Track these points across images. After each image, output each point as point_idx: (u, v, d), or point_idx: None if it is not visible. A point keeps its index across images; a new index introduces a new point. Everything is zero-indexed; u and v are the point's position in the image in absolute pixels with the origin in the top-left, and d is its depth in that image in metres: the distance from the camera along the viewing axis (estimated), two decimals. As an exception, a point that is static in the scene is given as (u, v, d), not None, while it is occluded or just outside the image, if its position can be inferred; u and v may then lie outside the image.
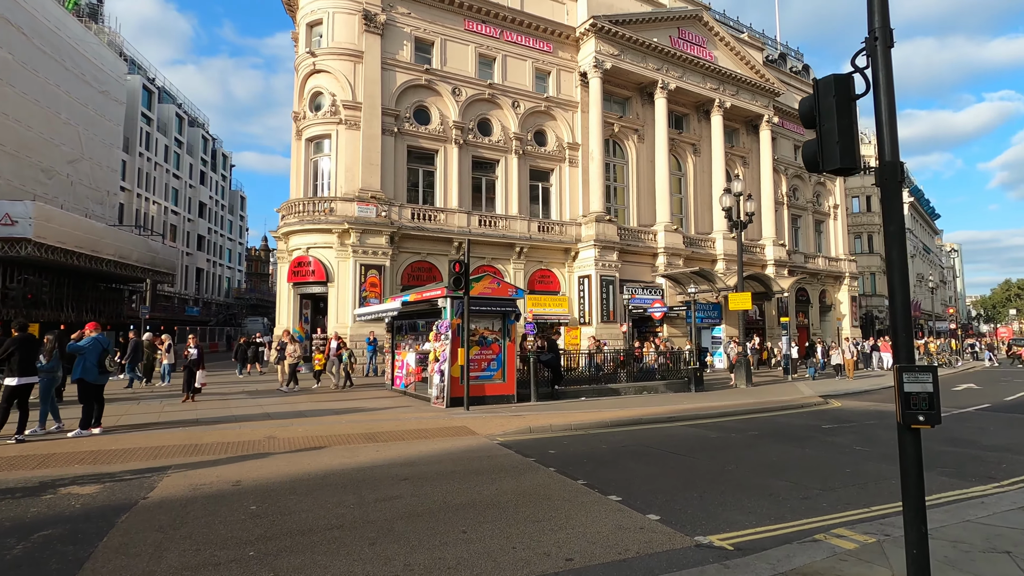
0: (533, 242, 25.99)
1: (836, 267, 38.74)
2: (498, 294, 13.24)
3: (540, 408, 12.27)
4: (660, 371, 17.85)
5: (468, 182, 25.65)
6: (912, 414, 3.29)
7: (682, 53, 29.80)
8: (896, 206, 3.51)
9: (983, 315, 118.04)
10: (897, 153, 3.53)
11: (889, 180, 3.50)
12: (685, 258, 28.98)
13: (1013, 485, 6.12)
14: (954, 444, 8.62)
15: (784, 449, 8.21)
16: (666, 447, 8.29)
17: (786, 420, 11.20)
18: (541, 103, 27.26)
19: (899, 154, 3.53)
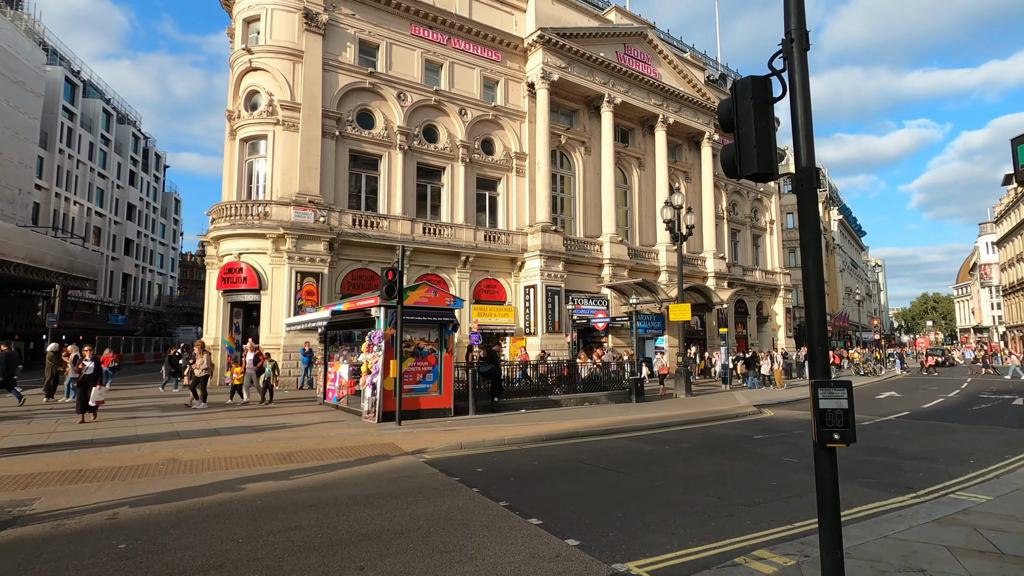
0: (479, 251, 25.65)
1: (772, 280, 40.35)
2: (435, 303, 12.78)
3: (476, 422, 11.85)
4: (602, 382, 17.78)
5: (413, 189, 25.09)
6: (827, 432, 3.11)
7: (628, 69, 30.41)
8: (812, 213, 3.36)
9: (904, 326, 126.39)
10: (813, 159, 3.39)
11: (805, 186, 3.35)
12: (630, 269, 29.36)
13: (929, 495, 6.20)
14: (876, 453, 8.81)
15: (715, 462, 8.14)
16: (598, 462, 8.06)
17: (720, 431, 11.25)
18: (489, 112, 27.09)
19: (815, 160, 3.39)
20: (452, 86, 26.25)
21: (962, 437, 10.62)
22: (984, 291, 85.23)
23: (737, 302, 37.78)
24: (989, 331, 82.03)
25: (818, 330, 3.27)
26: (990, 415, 14.57)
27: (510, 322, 26.58)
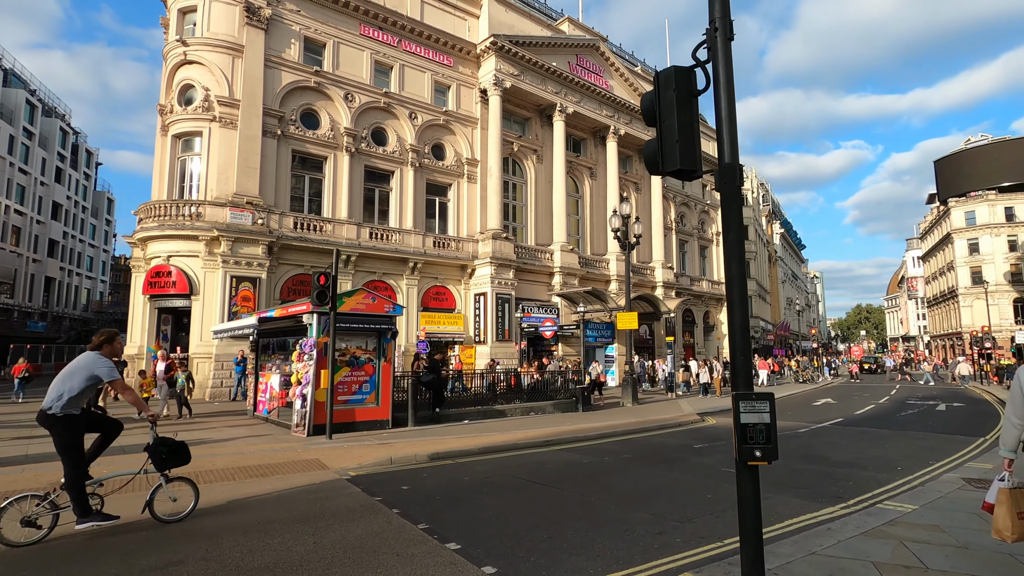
0: (428, 258, 25.10)
1: (719, 290, 41.46)
2: (373, 310, 12.20)
3: (414, 434, 11.32)
4: (549, 391, 17.54)
5: (360, 192, 24.33)
6: (748, 449, 2.87)
7: (580, 79, 30.68)
8: (735, 212, 3.14)
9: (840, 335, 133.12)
10: (736, 155, 3.18)
11: (728, 183, 3.13)
12: (580, 278, 29.44)
13: (858, 505, 6.17)
14: (811, 461, 8.86)
15: (653, 473, 7.95)
16: (533, 476, 7.72)
17: (661, 440, 11.15)
18: (440, 116, 26.68)
19: (739, 156, 3.18)
20: (402, 89, 25.72)
21: (891, 443, 10.90)
22: (911, 302, 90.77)
23: (685, 311, 38.58)
24: (915, 340, 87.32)
25: (741, 338, 3.04)
26: (917, 421, 15.16)
27: (459, 330, 26.09)
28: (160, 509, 5.38)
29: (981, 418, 15.96)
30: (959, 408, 18.85)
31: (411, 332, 24.58)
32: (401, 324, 24.49)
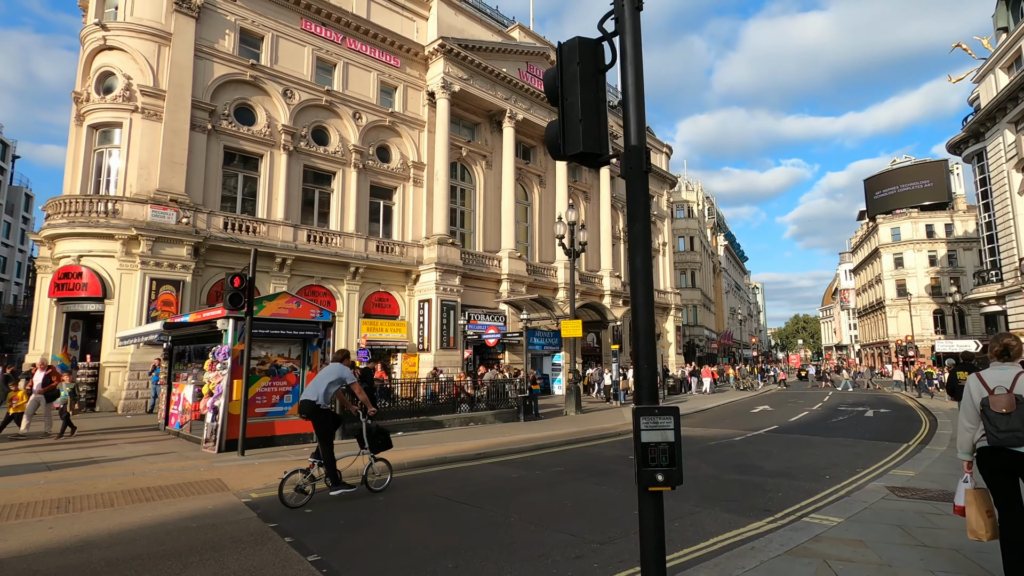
0: (370, 262, 24.20)
1: (664, 299, 42.20)
2: (297, 315, 11.39)
3: (339, 448, 10.55)
4: (490, 400, 17.05)
5: (298, 193, 23.23)
6: (650, 473, 2.47)
7: (530, 87, 30.60)
8: (641, 199, 2.77)
9: (780, 344, 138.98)
10: (643, 137, 2.82)
11: (634, 169, 2.76)
12: (528, 285, 29.18)
13: (786, 519, 5.98)
14: (742, 471, 8.74)
15: (582, 488, 7.58)
16: (456, 494, 7.20)
17: (598, 451, 10.85)
18: (386, 118, 25.92)
19: (645, 138, 2.82)
20: (346, 88, 24.84)
21: (821, 451, 11.01)
22: (843, 313, 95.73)
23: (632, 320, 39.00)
24: (847, 348, 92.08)
25: (645, 342, 2.66)
26: (846, 427, 15.57)
27: (403, 338, 25.25)
28: (371, 481, 7.32)
29: (905, 423, 16.58)
30: (886, 414, 19.61)
31: (352, 339, 23.59)
32: (341, 331, 23.53)
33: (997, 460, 3.72)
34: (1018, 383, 3.68)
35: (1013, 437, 3.58)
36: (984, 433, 3.75)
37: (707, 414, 19.89)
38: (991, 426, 3.68)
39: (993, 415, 3.67)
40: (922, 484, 7.32)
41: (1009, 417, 3.60)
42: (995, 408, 3.67)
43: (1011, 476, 3.72)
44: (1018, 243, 33.26)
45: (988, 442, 3.72)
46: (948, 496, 6.67)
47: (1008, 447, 3.62)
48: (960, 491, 3.96)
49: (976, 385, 3.88)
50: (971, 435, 3.91)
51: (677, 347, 42.85)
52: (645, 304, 2.66)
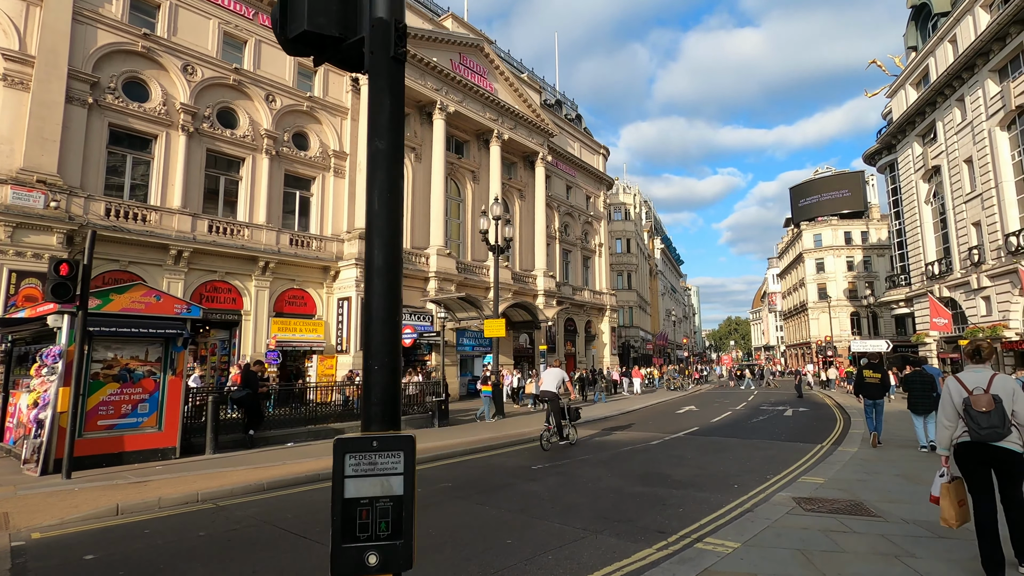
0: (283, 257, 22.34)
1: (600, 300, 42.16)
2: (156, 310, 9.79)
3: (203, 465, 9.09)
4: (403, 405, 15.81)
5: (200, 179, 21.10)
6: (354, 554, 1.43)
7: (463, 79, 29.54)
8: (387, 102, 1.75)
9: (713, 345, 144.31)
10: (397, 8, 1.80)
11: (377, 53, 1.74)
12: (458, 284, 28.07)
13: (679, 543, 5.20)
14: (648, 481, 8.01)
15: (461, 509, 6.57)
16: (295, 524, 5.98)
17: (501, 461, 9.90)
18: (303, 102, 24.12)
19: (401, 11, 1.81)
20: (258, 67, 22.89)
21: (735, 455, 10.54)
22: (771, 316, 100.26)
23: (567, 320, 38.63)
24: (774, 349, 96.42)
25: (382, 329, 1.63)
26: (764, 428, 15.42)
27: (318, 338, 23.52)
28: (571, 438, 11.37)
29: (822, 423, 16.68)
30: (804, 413, 19.84)
31: (261, 340, 21.70)
32: (248, 331, 21.61)
33: (976, 454, 4.13)
34: (993, 383, 4.13)
35: (993, 433, 3.99)
36: (965, 430, 4.13)
37: (632, 416, 19.46)
38: (974, 424, 4.06)
39: (976, 414, 4.05)
40: (830, 493, 6.80)
41: (989, 415, 4.00)
42: (977, 407, 4.06)
43: (987, 468, 4.15)
44: (924, 249, 35.27)
45: (970, 438, 4.10)
46: (856, 507, 6.13)
47: (988, 442, 4.03)
48: (936, 483, 4.37)
49: (956, 387, 4.26)
50: (950, 432, 4.28)
51: (612, 348, 42.90)
52: (386, 269, 1.65)
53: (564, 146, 40.40)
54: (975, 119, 29.11)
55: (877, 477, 7.88)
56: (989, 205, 28.09)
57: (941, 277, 32.90)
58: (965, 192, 30.30)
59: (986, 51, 27.71)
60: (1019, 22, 25.49)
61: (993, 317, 28.12)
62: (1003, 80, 27.31)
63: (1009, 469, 4.07)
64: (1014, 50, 26.24)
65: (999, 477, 4.14)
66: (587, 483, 7.82)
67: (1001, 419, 4.00)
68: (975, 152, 29.14)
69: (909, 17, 37.84)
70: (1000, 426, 3.99)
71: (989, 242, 28.21)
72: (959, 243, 31.02)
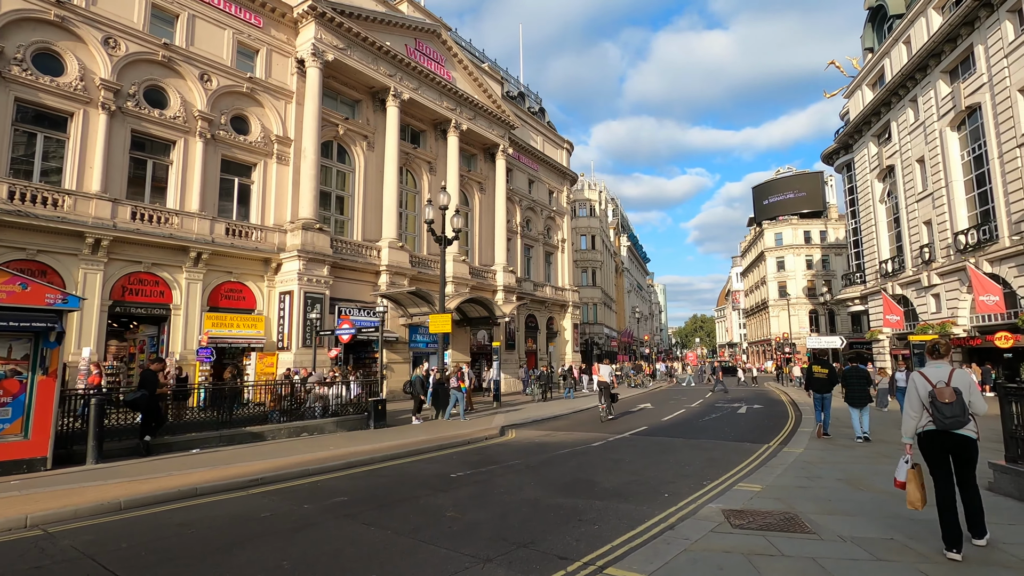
0: (218, 247, 20.87)
1: (562, 296, 41.58)
2: (22, 300, 8.53)
3: (69, 479, 7.92)
4: (334, 406, 14.74)
5: (123, 162, 19.47)
6: None
7: (418, 65, 28.40)
8: None
9: (680, 342, 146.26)
10: None
11: None
12: (411, 278, 26.97)
13: (583, 571, 4.38)
14: (571, 491, 7.23)
15: (341, 531, 5.61)
16: (127, 556, 4.94)
17: (419, 468, 9.00)
18: (243, 83, 22.61)
19: None
20: (191, 44, 21.31)
21: (677, 456, 9.90)
22: (734, 313, 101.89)
23: (528, 317, 37.93)
24: (738, 346, 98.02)
25: None
26: (715, 426, 14.93)
27: (258, 334, 22.13)
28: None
29: (773, 421, 16.32)
30: (758, 410, 19.54)
31: (192, 337, 20.23)
32: (178, 326, 20.12)
33: (940, 441, 4.56)
34: (953, 377, 4.58)
35: (956, 422, 4.44)
36: (930, 419, 4.56)
37: (584, 415, 18.81)
38: (939, 414, 4.48)
39: (940, 405, 4.47)
40: (766, 503, 6.14)
41: (952, 406, 4.44)
42: (941, 399, 4.48)
43: (947, 453, 4.57)
44: (879, 247, 35.81)
45: (935, 426, 4.53)
46: (789, 521, 5.47)
47: (951, 430, 4.47)
48: (901, 469, 4.75)
49: (921, 381, 4.70)
50: (915, 422, 4.70)
51: (574, 345, 42.40)
52: None
53: (526, 139, 39.61)
54: (927, 119, 29.52)
55: (818, 482, 7.29)
56: (940, 204, 28.51)
57: (894, 275, 33.40)
58: (917, 191, 30.75)
59: (938, 52, 28.06)
60: (969, 24, 25.82)
61: (942, 314, 28.59)
62: (954, 81, 27.71)
63: (966, 454, 4.53)
64: (964, 51, 26.61)
65: (956, 462, 4.58)
66: (503, 494, 7.00)
67: (962, 409, 4.45)
68: (927, 152, 29.55)
69: (866, 19, 38.36)
70: (961, 415, 4.44)
71: (939, 240, 28.65)
72: (911, 241, 31.50)
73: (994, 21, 24.40)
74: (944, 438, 4.53)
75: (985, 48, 25.01)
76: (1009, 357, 23.84)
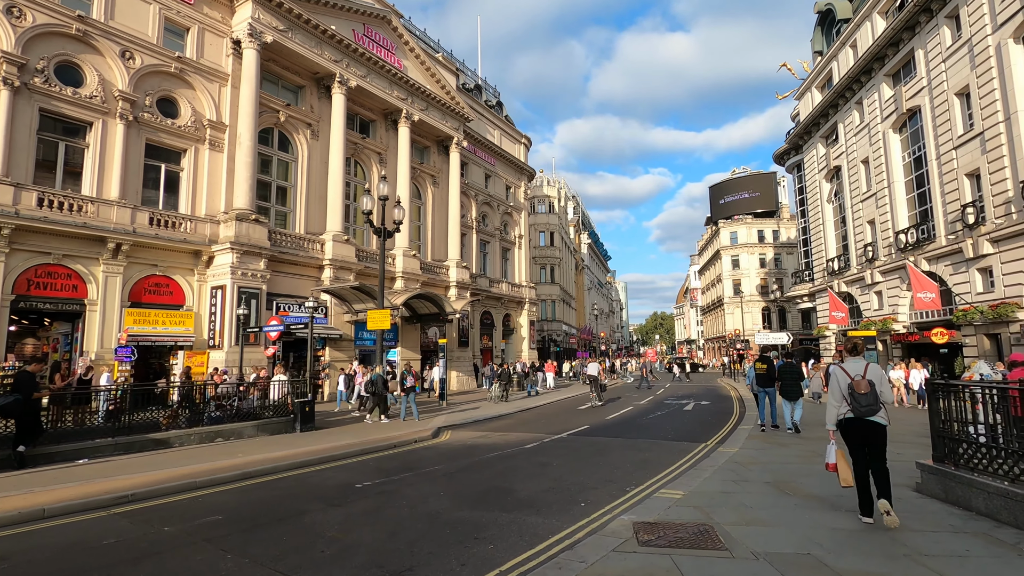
0: (141, 238, 19.37)
1: (519, 293, 41.07)
2: None
3: None
4: (256, 409, 13.72)
5: (31, 144, 17.81)
6: None
7: (367, 52, 27.27)
8: None
9: (640, 339, 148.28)
10: None
11: None
12: (357, 273, 25.90)
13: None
14: (482, 501, 6.61)
15: (191, 561, 4.80)
16: None
17: (325, 477, 8.20)
18: (171, 63, 21.09)
19: None
20: (111, 18, 19.70)
21: (609, 458, 9.42)
22: (692, 310, 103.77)
23: (484, 314, 37.26)
24: (695, 343, 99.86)
25: None
26: (658, 424, 14.60)
27: (187, 332, 20.73)
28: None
29: (717, 417, 16.14)
30: (705, 407, 19.42)
31: (111, 334, 18.72)
32: (93, 323, 18.59)
33: (857, 426, 5.34)
34: (868, 371, 5.36)
35: (870, 410, 5.24)
36: (849, 408, 5.33)
37: (529, 413, 18.27)
38: (856, 403, 5.27)
39: (858, 395, 5.27)
40: (683, 513, 5.65)
41: (867, 396, 5.24)
42: (858, 390, 5.28)
43: (863, 437, 5.35)
44: (826, 246, 36.63)
45: (853, 414, 5.31)
46: (702, 535, 4.99)
47: (865, 417, 5.27)
48: (830, 452, 5.52)
49: (841, 375, 5.47)
50: (836, 411, 5.48)
51: (531, 342, 41.98)
52: None
53: (483, 133, 38.86)
54: (871, 121, 30.22)
55: (744, 486, 6.88)
56: (882, 204, 29.23)
57: (840, 273, 34.19)
58: (862, 191, 31.49)
59: (882, 56, 28.71)
60: (910, 28, 26.45)
61: (884, 311, 29.36)
62: (897, 84, 28.40)
63: (877, 438, 5.29)
64: (906, 55, 27.26)
65: (870, 444, 5.32)
66: (404, 507, 6.31)
67: (875, 399, 5.21)
68: (871, 153, 30.27)
69: (816, 23, 39.14)
70: (874, 404, 5.20)
71: (882, 239, 29.39)
72: (856, 240, 32.27)
73: (933, 26, 25.03)
74: (861, 424, 5.30)
75: (925, 52, 25.65)
76: (945, 352, 24.57)
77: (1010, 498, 5.41)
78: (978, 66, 22.12)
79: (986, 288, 21.93)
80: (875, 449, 5.28)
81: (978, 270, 22.31)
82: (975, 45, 22.27)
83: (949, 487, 6.28)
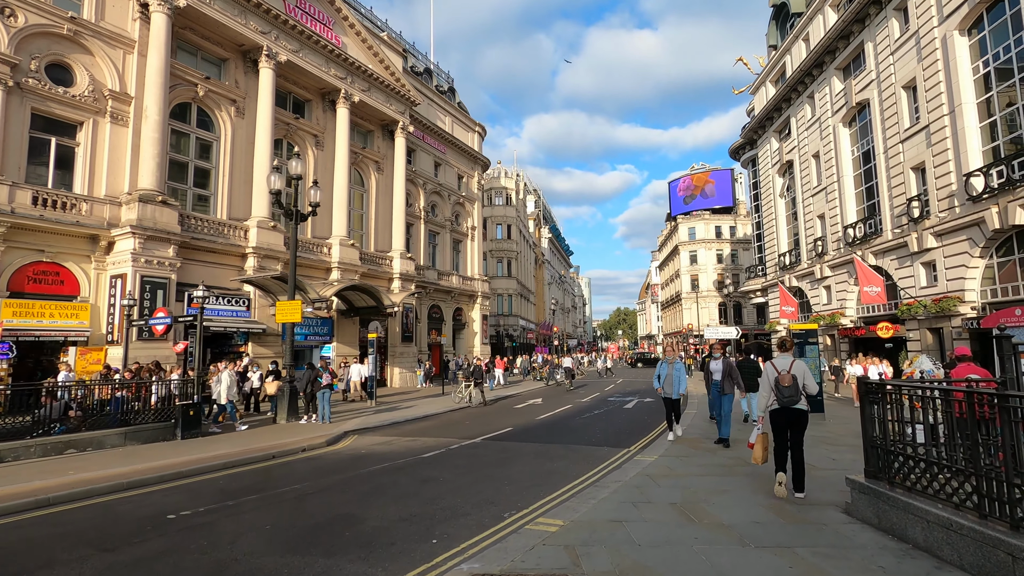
0: (22, 220, 17.12)
1: (471, 286, 39.66)
2: None
3: None
4: (125, 413, 11.95)
5: None
6: None
7: (299, 24, 25.27)
8: None
9: (604, 335, 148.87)
10: None
11: None
12: (285, 263, 23.97)
13: None
14: (310, 538, 5.24)
15: None
16: None
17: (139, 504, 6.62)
18: (63, 24, 18.77)
19: None
20: (-12, -32, 17.31)
21: (510, 470, 8.19)
22: (653, 306, 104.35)
23: (432, 307, 35.72)
24: (655, 337, 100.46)
25: None
26: (587, 426, 13.51)
27: (80, 325, 18.55)
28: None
29: (652, 417, 15.19)
30: (645, 405, 18.51)
31: (-14, 328, 16.45)
32: (-37, 316, 16.29)
33: (782, 415, 6.29)
34: (793, 367, 6.25)
35: (792, 400, 6.16)
36: (775, 399, 6.25)
37: (458, 414, 16.95)
38: (780, 395, 6.20)
39: (783, 388, 6.17)
40: (542, 560, 4.39)
41: (790, 388, 6.13)
42: (783, 383, 6.17)
43: (787, 423, 6.30)
44: (778, 241, 36.49)
45: (778, 404, 6.26)
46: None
47: (789, 406, 6.19)
48: (753, 434, 6.66)
49: (770, 370, 6.37)
50: (766, 400, 6.37)
51: (483, 337, 40.65)
52: None
53: (433, 119, 37.18)
54: (823, 115, 29.95)
55: (644, 510, 5.73)
56: (832, 198, 29.01)
57: (791, 267, 34.04)
58: (813, 186, 31.27)
59: (833, 49, 28.39)
60: (860, 21, 26.12)
61: (833, 305, 29.20)
62: (847, 78, 28.12)
63: (799, 423, 6.27)
64: (856, 48, 26.96)
65: (792, 428, 6.29)
66: (200, 552, 4.87)
67: (797, 391, 6.14)
68: (822, 147, 30.02)
69: (771, 16, 38.89)
70: (796, 395, 6.15)
71: (831, 234, 29.19)
72: (807, 235, 32.09)
73: (883, 19, 24.70)
74: (786, 412, 6.25)
75: (874, 45, 25.33)
76: (890, 347, 24.39)
77: (954, 530, 4.24)
78: (925, 58, 21.80)
79: (930, 282, 21.72)
80: (796, 434, 6.28)
81: (922, 264, 22.09)
82: (922, 37, 21.95)
83: (883, 511, 5.18)
